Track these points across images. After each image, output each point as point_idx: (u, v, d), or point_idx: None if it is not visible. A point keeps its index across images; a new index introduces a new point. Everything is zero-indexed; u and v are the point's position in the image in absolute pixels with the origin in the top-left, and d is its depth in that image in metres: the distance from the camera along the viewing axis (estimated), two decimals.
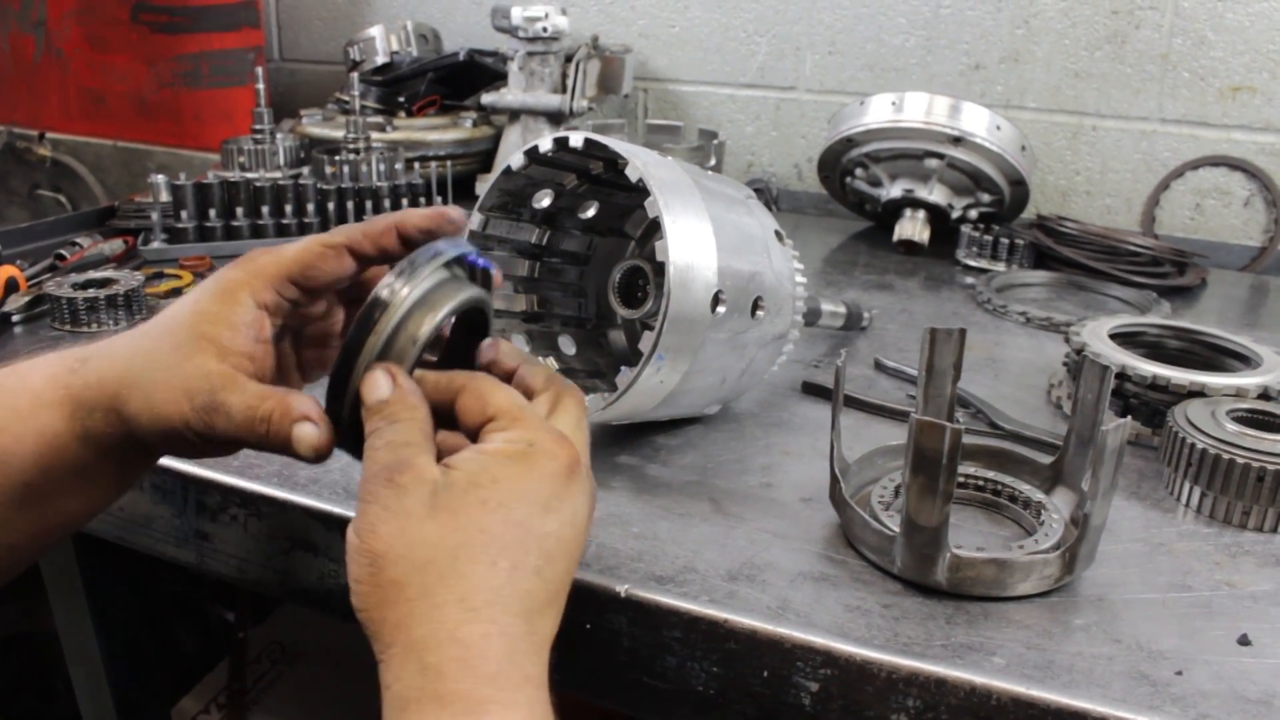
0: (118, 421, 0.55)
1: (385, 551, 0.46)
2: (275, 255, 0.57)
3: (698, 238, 0.66)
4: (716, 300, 0.67)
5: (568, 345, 0.84)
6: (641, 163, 0.67)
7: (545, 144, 0.71)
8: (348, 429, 0.52)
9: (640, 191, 0.68)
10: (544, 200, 0.78)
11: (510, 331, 0.81)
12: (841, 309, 0.99)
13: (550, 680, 0.46)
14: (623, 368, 0.68)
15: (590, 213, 0.82)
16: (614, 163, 0.72)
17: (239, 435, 0.53)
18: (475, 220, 0.75)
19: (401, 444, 0.48)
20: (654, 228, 0.84)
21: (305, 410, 0.52)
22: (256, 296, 0.56)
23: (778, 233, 0.77)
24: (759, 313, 0.71)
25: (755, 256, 0.72)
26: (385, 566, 0.46)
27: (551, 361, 0.80)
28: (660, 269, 0.74)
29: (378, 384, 0.50)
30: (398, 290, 0.50)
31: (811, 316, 0.95)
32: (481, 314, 0.56)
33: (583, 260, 0.85)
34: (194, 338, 0.54)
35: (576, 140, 0.70)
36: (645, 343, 0.65)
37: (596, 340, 0.86)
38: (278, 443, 0.52)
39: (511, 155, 0.73)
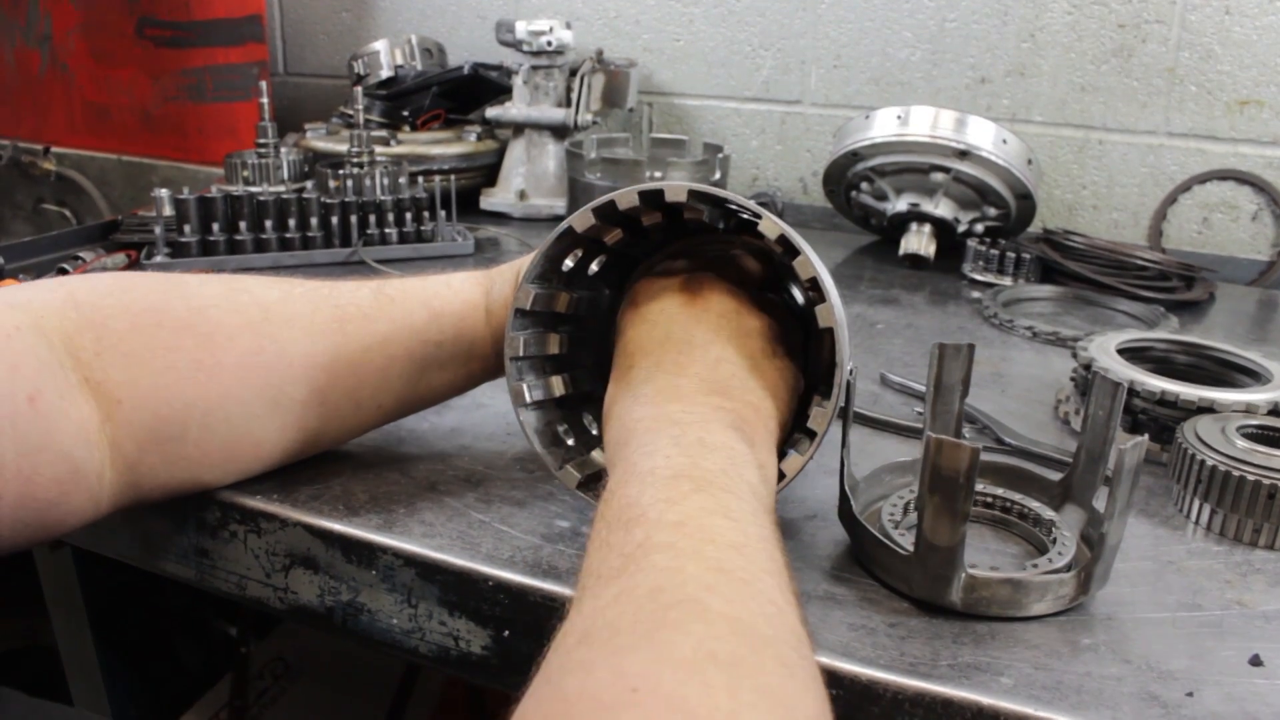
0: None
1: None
2: None
3: (832, 288, 0.59)
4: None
5: (591, 425, 0.70)
6: (774, 220, 0.58)
7: (627, 200, 0.59)
8: None
9: (651, 241, 0.66)
10: (569, 261, 0.66)
11: (549, 426, 0.67)
12: None
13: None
14: (791, 451, 0.60)
15: (596, 266, 0.70)
16: (676, 210, 0.61)
17: None
18: (525, 297, 0.63)
19: None
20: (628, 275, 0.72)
21: None
22: None
23: None
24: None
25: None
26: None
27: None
28: None
29: None
30: None
31: None
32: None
33: (574, 321, 0.71)
34: None
35: (677, 194, 0.58)
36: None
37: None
38: None
39: (574, 216, 0.61)
